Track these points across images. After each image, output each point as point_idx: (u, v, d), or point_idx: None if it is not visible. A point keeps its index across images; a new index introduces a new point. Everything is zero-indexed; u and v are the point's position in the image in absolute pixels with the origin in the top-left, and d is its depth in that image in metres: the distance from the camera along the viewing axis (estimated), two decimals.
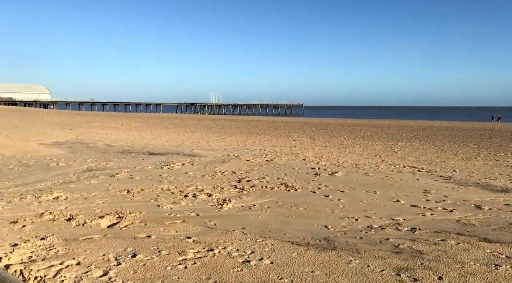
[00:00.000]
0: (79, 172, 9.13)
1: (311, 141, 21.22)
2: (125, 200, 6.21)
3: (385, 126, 37.54)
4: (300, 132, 28.88)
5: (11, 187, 7.27)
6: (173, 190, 7.02)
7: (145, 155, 12.71)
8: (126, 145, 15.98)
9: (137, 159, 11.60)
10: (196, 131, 29.27)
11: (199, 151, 14.21)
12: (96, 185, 7.50)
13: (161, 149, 14.67)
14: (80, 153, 13.09)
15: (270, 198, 6.48)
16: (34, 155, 12.01)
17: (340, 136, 25.72)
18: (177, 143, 17.97)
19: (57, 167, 9.90)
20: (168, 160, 11.43)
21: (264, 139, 22.00)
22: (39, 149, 13.77)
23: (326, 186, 7.59)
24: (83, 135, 21.46)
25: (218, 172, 9.20)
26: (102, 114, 62.98)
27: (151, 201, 6.19)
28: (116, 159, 11.67)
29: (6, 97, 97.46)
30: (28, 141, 16.71)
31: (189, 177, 8.50)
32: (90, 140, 18.04)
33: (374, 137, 25.27)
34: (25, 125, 30.14)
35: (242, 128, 33.23)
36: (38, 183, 7.65)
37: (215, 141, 19.68)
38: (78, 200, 6.17)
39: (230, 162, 11.09)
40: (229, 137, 22.68)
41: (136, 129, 29.00)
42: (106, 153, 13.11)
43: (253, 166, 10.41)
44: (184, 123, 41.86)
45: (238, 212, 5.58)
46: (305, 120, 53.85)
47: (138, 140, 19.09)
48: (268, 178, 8.39)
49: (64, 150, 13.76)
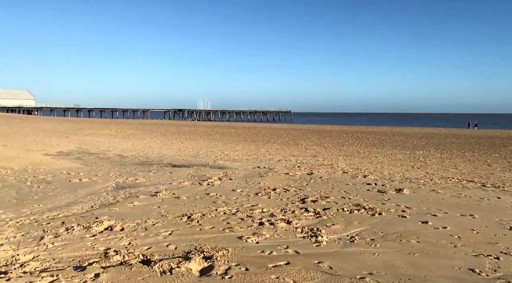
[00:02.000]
0: (111, 190, 7.99)
1: (325, 150, 20.38)
2: (195, 230, 5.15)
3: (388, 133, 37.04)
4: (307, 140, 28.04)
5: (44, 212, 6.12)
6: (239, 215, 5.99)
7: (169, 168, 11.59)
8: (140, 156, 14.80)
9: (165, 173, 10.48)
10: (198, 139, 28.15)
11: (223, 163, 13.15)
12: (144, 208, 6.41)
13: (181, 160, 13.55)
14: (95, 165, 11.88)
15: (360, 226, 5.52)
16: (47, 169, 10.77)
17: (350, 144, 24.96)
18: (190, 152, 16.86)
19: (81, 184, 8.72)
20: (200, 174, 10.35)
21: (275, 147, 21.05)
22: (48, 161, 12.50)
23: (408, 207, 6.67)
24: (84, 143, 20.12)
25: (268, 189, 8.19)
26: (92, 121, 61.17)
27: (225, 231, 5.15)
28: (141, 172, 10.53)
29: None
30: (30, 151, 15.36)
31: (242, 196, 7.47)
32: (97, 150, 16.77)
33: (385, 145, 24.59)
34: (15, 132, 28.51)
35: (244, 136, 32.23)
36: (74, 206, 6.51)
37: (228, 150, 18.62)
38: (138, 231, 5.09)
39: (270, 176, 10.08)
40: (238, 146, 21.66)
41: (134, 137, 27.72)
42: (124, 165, 11.94)
43: (299, 180, 9.42)
44: (180, 130, 40.61)
45: (342, 247, 4.60)
46: (303, 127, 53.19)
47: (147, 149, 17.90)
48: (332, 197, 7.43)
49: (76, 162, 12.52)
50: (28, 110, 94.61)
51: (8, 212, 6.07)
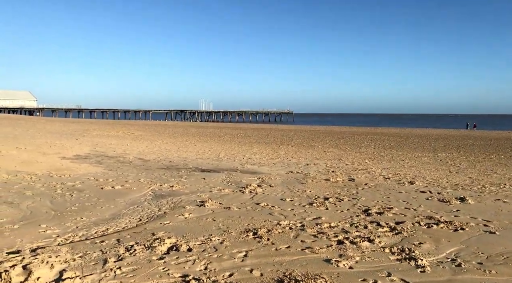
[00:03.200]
0: (151, 199, 7.38)
1: (345, 152, 19.79)
2: (271, 251, 4.55)
3: (400, 135, 36.46)
4: (320, 142, 27.46)
5: (91, 226, 5.51)
6: (309, 231, 5.38)
7: (198, 173, 10.99)
8: (162, 159, 14.18)
9: (197, 179, 9.87)
10: (209, 140, 27.55)
11: (252, 167, 12.54)
12: (198, 221, 5.80)
13: (207, 164, 12.93)
14: (120, 170, 11.27)
15: (452, 244, 4.92)
16: (72, 175, 10.16)
17: (367, 146, 24.38)
18: (210, 155, 16.25)
19: (115, 192, 8.11)
20: (235, 180, 9.75)
21: (292, 150, 20.44)
22: (69, 165, 11.88)
23: (487, 220, 6.08)
24: (98, 146, 19.50)
25: (319, 198, 7.58)
26: (96, 122, 60.56)
27: (306, 251, 4.54)
28: (172, 178, 9.92)
29: None
30: (45, 154, 14.74)
31: (296, 207, 6.86)
32: (114, 153, 16.15)
33: (403, 147, 24.01)
34: (22, 134, 27.92)
35: (255, 137, 31.63)
36: (120, 219, 5.91)
37: (247, 153, 18.02)
38: (209, 252, 4.48)
39: (311, 183, 9.48)
40: (254, 148, 21.05)
41: (144, 139, 27.12)
42: (150, 170, 11.33)
43: (345, 188, 8.82)
44: (188, 131, 40.00)
45: (453, 274, 4.00)
46: (310, 128, 52.62)
47: (165, 152, 17.29)
48: (396, 208, 6.82)
49: (98, 166, 11.90)
50: (30, 111, 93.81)
51: (52, 226, 5.47)
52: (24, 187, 8.37)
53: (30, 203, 6.94)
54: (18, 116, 68.29)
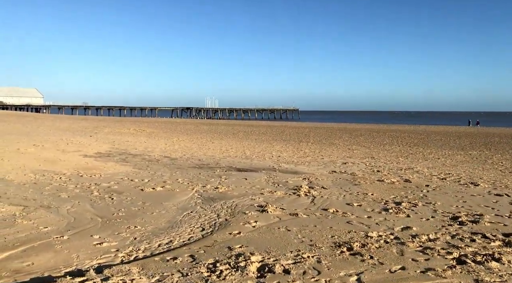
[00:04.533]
0: (201, 203, 6.58)
1: (371, 151, 18.93)
2: (387, 275, 3.73)
3: (419, 132, 35.48)
4: (339, 139, 26.59)
5: (151, 238, 4.72)
6: (410, 245, 4.57)
7: (236, 172, 10.18)
8: (190, 158, 13.39)
9: (239, 180, 9.07)
10: (225, 138, 26.77)
11: (289, 166, 11.72)
12: (271, 232, 4.99)
13: (239, 163, 12.12)
14: (151, 169, 10.49)
15: None
16: (103, 174, 9.38)
17: (390, 143, 23.51)
18: (236, 153, 15.45)
19: (158, 194, 7.32)
20: (279, 180, 8.94)
21: (314, 147, 19.58)
22: (95, 164, 11.11)
23: None
24: (116, 143, 18.73)
25: (390, 203, 6.76)
26: (104, 119, 59.92)
27: (429, 275, 3.73)
28: (212, 178, 9.12)
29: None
30: (65, 151, 13.99)
31: (371, 213, 6.05)
32: (135, 151, 15.38)
33: (428, 144, 23.11)
34: (33, 131, 27.29)
35: (270, 135, 30.80)
36: (180, 229, 5.11)
37: (273, 150, 17.19)
38: (312, 275, 3.67)
39: (366, 184, 8.65)
40: (275, 145, 20.21)
41: (159, 136, 26.38)
42: (183, 170, 10.54)
43: (409, 190, 7.99)
44: (200, 129, 39.24)
45: None
46: (322, 125, 51.71)
47: (187, 150, 16.50)
48: (487, 216, 5.99)
49: (125, 165, 11.13)
50: (36, 108, 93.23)
51: (107, 238, 4.68)
52: (56, 188, 7.60)
53: (70, 207, 6.17)
54: (26, 113, 67.72)
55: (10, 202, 6.37)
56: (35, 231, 4.91)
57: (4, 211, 5.81)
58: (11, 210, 5.91)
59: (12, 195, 6.89)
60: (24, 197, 6.79)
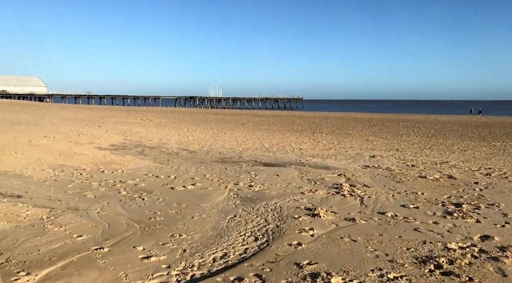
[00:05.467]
0: (242, 204, 6.01)
1: (390, 142, 18.30)
2: None
3: (433, 122, 34.73)
4: (354, 130, 25.93)
5: (202, 250, 4.15)
6: (508, 263, 3.99)
7: (264, 167, 9.60)
8: (209, 151, 12.80)
9: (270, 176, 8.48)
10: (237, 128, 26.15)
11: (316, 160, 11.11)
12: (340, 244, 4.40)
13: (263, 157, 11.52)
14: (173, 163, 9.92)
15: None
16: (124, 170, 8.81)
17: (407, 134, 22.85)
18: (255, 145, 14.84)
19: (191, 193, 6.74)
20: (314, 177, 8.34)
21: (330, 139, 18.95)
22: (113, 158, 10.54)
23: None
24: (126, 134, 18.16)
25: (447, 204, 6.17)
26: (110, 108, 59.33)
27: None
28: (242, 175, 8.54)
29: (0, 90, 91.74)
30: (78, 143, 13.42)
31: (434, 218, 5.46)
32: (150, 143, 14.80)
33: (447, 135, 22.43)
34: (40, 121, 26.78)
35: (281, 125, 30.15)
36: (230, 238, 4.53)
37: (291, 142, 16.58)
38: None
39: (409, 181, 8.04)
40: (289, 137, 19.56)
41: (168, 127, 25.81)
42: (206, 164, 9.96)
43: (457, 188, 7.37)
44: (207, 118, 38.61)
45: None
46: (330, 114, 50.96)
47: (202, 141, 15.90)
48: None
49: (145, 159, 10.55)
50: (40, 97, 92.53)
51: (152, 249, 4.11)
52: (79, 186, 7.04)
53: (99, 210, 5.60)
54: (30, 103, 67.11)
55: (34, 203, 5.81)
56: (69, 240, 4.34)
57: (30, 214, 5.25)
58: (37, 213, 5.35)
59: (35, 195, 6.33)
60: (48, 197, 6.22)
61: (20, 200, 6.00)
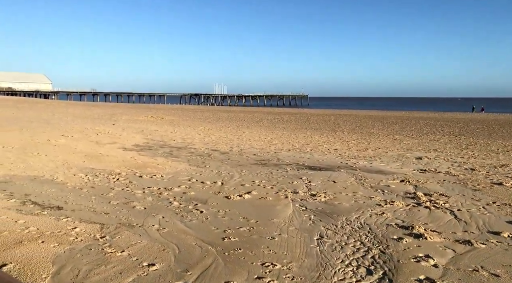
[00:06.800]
0: (320, 220, 5.15)
1: (419, 141, 17.41)
2: None
3: (452, 120, 33.78)
4: (374, 128, 25.01)
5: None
6: None
7: (312, 172, 8.74)
8: (242, 152, 11.93)
9: (326, 182, 7.61)
10: (252, 126, 25.26)
11: (361, 163, 10.22)
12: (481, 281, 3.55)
13: (302, 159, 10.64)
14: (211, 167, 9.07)
15: None
16: (164, 174, 7.95)
17: (433, 133, 21.91)
18: (285, 146, 13.97)
19: (251, 204, 5.88)
20: (374, 184, 7.48)
21: (359, 139, 18.01)
22: (145, 161, 9.70)
23: None
24: (145, 133, 17.32)
25: None
26: (117, 106, 58.57)
27: None
28: (294, 181, 7.67)
29: (6, 87, 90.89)
30: (101, 144, 12.58)
31: None
32: (174, 142, 13.96)
33: (474, 133, 21.49)
34: (51, 118, 26.04)
35: (298, 123, 29.25)
36: (338, 272, 3.68)
37: (318, 142, 15.70)
38: None
39: (486, 189, 7.17)
40: (315, 136, 18.65)
41: (183, 125, 24.97)
42: (246, 167, 9.11)
43: None
44: (219, 116, 37.75)
45: None
46: (341, 112, 49.97)
47: (228, 141, 15.04)
48: None
49: (178, 162, 9.70)
50: (45, 94, 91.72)
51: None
52: (122, 195, 6.20)
53: (158, 226, 4.76)
54: (37, 100, 66.27)
55: (79, 217, 4.98)
56: (141, 271, 3.50)
57: (80, 232, 4.42)
58: (86, 230, 4.51)
59: (76, 206, 5.49)
60: (92, 209, 5.38)
61: (61, 212, 5.17)
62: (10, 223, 4.64)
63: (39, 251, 3.86)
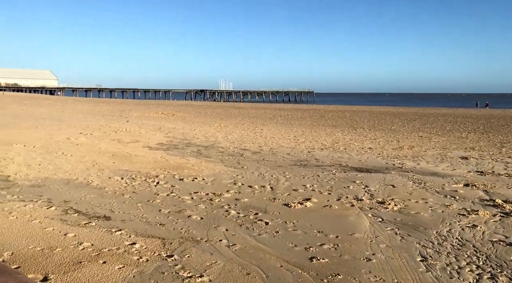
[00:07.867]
0: (408, 235, 4.49)
1: (447, 139, 16.67)
2: None
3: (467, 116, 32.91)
4: (395, 125, 24.24)
5: None
6: None
7: (363, 174, 8.06)
8: (273, 151, 11.25)
9: (383, 186, 6.94)
10: (267, 123, 24.52)
11: (409, 163, 9.52)
12: None
13: (341, 159, 9.96)
14: (249, 168, 8.42)
15: None
16: (205, 178, 7.29)
17: (455, 130, 21.11)
18: (313, 144, 13.28)
19: (317, 214, 5.21)
20: (439, 188, 6.79)
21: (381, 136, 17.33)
22: (178, 161, 9.05)
23: None
24: (164, 130, 16.68)
25: None
26: (125, 102, 58.04)
27: None
28: (351, 186, 6.99)
29: (12, 83, 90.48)
30: (124, 143, 11.94)
31: None
32: (198, 141, 13.31)
33: (500, 130, 20.72)
34: (63, 115, 25.54)
35: (313, 120, 28.52)
36: None
37: (348, 140, 15.00)
38: None
39: None
40: (337, 133, 17.95)
41: (194, 121, 24.38)
42: (285, 168, 8.44)
43: None
44: (230, 112, 37.09)
45: None
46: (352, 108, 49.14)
47: (251, 139, 14.37)
48: None
49: (213, 163, 9.05)
50: (51, 91, 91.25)
51: None
52: (171, 202, 5.54)
53: (226, 242, 4.11)
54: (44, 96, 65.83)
55: (133, 229, 4.33)
56: None
57: (142, 250, 3.77)
58: (148, 246, 3.87)
59: (125, 215, 4.85)
60: (144, 219, 4.73)
61: (111, 224, 4.53)
62: (60, 237, 4.00)
63: (105, 275, 3.22)
